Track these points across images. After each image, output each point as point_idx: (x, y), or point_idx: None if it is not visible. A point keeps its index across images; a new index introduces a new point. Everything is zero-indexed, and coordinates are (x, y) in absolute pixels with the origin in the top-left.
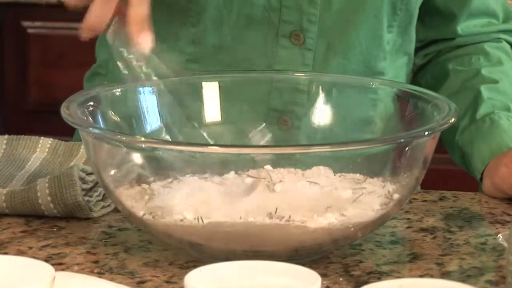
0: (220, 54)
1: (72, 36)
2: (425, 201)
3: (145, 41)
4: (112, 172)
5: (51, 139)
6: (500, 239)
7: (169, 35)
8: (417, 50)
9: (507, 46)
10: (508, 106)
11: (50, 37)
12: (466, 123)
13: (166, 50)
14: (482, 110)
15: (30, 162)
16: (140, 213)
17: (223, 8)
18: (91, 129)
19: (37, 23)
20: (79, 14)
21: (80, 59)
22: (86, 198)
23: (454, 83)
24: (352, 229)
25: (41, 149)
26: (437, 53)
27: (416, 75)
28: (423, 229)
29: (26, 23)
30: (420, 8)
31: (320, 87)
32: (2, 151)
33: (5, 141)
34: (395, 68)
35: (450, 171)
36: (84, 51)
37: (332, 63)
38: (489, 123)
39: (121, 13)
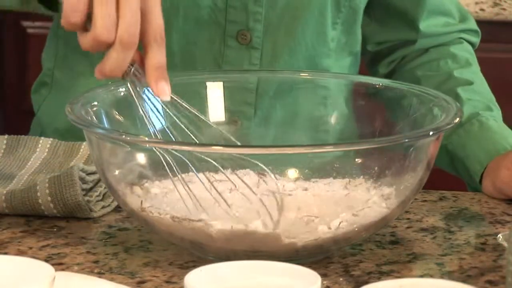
0: (169, 56)
1: None
2: (425, 201)
3: (162, 89)
4: (117, 171)
5: (51, 139)
6: (500, 239)
7: None
8: (380, 58)
9: (469, 47)
10: (488, 105)
11: None
12: None
13: None
14: (466, 112)
15: (30, 162)
16: (144, 211)
17: (170, 11)
18: (95, 129)
19: (37, 23)
20: None
21: None
22: (86, 198)
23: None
24: (356, 229)
25: (41, 149)
26: (401, 60)
27: None
28: (423, 229)
29: (26, 23)
30: (378, 9)
31: (270, 85)
32: (2, 151)
33: (5, 141)
34: (340, 67)
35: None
36: None
37: (279, 62)
38: (478, 125)
39: (138, 60)
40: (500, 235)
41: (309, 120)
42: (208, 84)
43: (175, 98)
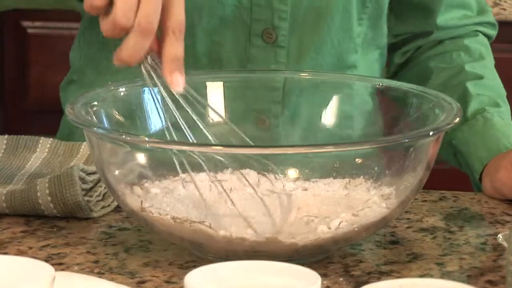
0: (194, 55)
1: (72, 36)
2: (425, 201)
3: (177, 81)
4: (116, 171)
5: (51, 139)
6: (500, 239)
7: None
8: (395, 48)
9: (485, 39)
10: (496, 101)
11: (50, 37)
12: None
13: None
14: (472, 107)
15: (30, 162)
16: (144, 211)
17: (193, 9)
18: (95, 129)
19: (37, 23)
20: (78, 15)
21: None
22: (86, 198)
23: (438, 81)
24: (356, 229)
25: (41, 149)
26: (416, 50)
27: (397, 75)
28: (423, 229)
29: (26, 23)
30: (395, 2)
31: (296, 84)
32: (2, 151)
33: (5, 141)
34: (368, 62)
35: (450, 171)
36: None
37: (305, 59)
38: (482, 121)
39: (155, 49)
40: (500, 235)
41: (335, 117)
42: (208, 84)
43: (192, 92)
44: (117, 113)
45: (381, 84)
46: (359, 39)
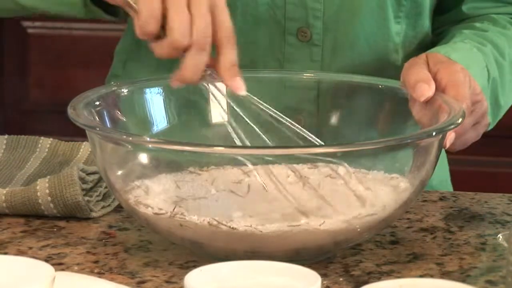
0: None
1: (72, 36)
2: (425, 201)
3: (239, 85)
4: (119, 172)
5: (51, 139)
6: (500, 239)
7: None
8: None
9: None
10: (482, 42)
11: (50, 37)
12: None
13: None
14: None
15: (30, 162)
16: (144, 211)
17: (228, 9)
18: (97, 129)
19: (37, 23)
20: None
21: (80, 59)
22: (86, 198)
23: (451, 33)
24: (358, 230)
25: (41, 149)
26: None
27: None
28: (423, 229)
29: (26, 23)
30: None
31: (329, 85)
32: (2, 151)
33: (5, 141)
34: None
35: (450, 172)
36: (83, 51)
37: (341, 57)
38: (450, 37)
39: (210, 63)
40: (500, 235)
41: (368, 116)
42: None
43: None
44: (119, 113)
45: (383, 85)
46: (399, 38)
